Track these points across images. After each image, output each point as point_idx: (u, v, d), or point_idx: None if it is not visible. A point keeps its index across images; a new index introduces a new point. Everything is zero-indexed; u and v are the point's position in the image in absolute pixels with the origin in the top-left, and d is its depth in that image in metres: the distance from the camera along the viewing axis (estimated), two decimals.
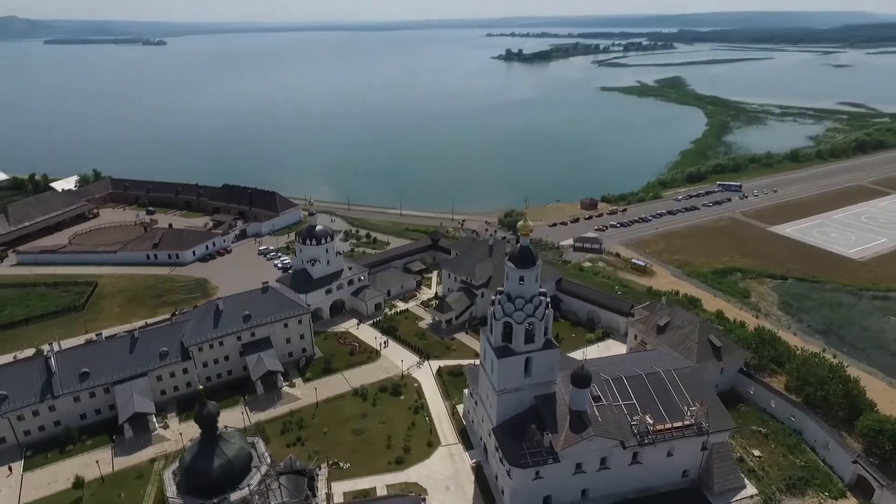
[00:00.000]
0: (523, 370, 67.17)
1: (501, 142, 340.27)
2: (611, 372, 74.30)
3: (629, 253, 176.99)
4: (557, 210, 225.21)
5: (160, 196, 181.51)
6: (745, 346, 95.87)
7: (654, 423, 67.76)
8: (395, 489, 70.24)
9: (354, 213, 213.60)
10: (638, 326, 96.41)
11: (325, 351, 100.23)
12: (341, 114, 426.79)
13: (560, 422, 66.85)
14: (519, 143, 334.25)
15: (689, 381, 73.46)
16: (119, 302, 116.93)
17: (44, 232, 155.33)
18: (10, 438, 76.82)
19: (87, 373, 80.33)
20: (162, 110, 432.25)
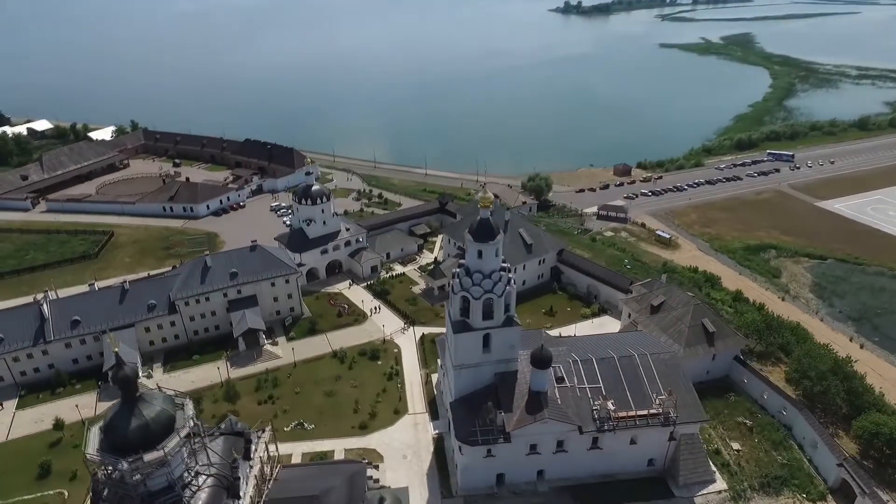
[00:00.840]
0: (482, 346, 64.95)
1: (542, 101, 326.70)
2: (582, 353, 70.99)
3: (656, 224, 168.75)
4: (589, 175, 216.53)
5: (187, 149, 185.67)
6: (749, 332, 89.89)
7: (615, 409, 64.59)
8: (353, 454, 70.80)
9: (379, 171, 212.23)
10: (632, 305, 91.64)
11: (314, 311, 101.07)
12: (383, 70, 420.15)
13: (517, 401, 64.74)
14: (561, 103, 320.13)
15: (664, 367, 69.28)
16: (130, 252, 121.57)
17: (76, 180, 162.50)
18: (7, 378, 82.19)
19: (77, 321, 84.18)
20: (207, 63, 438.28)
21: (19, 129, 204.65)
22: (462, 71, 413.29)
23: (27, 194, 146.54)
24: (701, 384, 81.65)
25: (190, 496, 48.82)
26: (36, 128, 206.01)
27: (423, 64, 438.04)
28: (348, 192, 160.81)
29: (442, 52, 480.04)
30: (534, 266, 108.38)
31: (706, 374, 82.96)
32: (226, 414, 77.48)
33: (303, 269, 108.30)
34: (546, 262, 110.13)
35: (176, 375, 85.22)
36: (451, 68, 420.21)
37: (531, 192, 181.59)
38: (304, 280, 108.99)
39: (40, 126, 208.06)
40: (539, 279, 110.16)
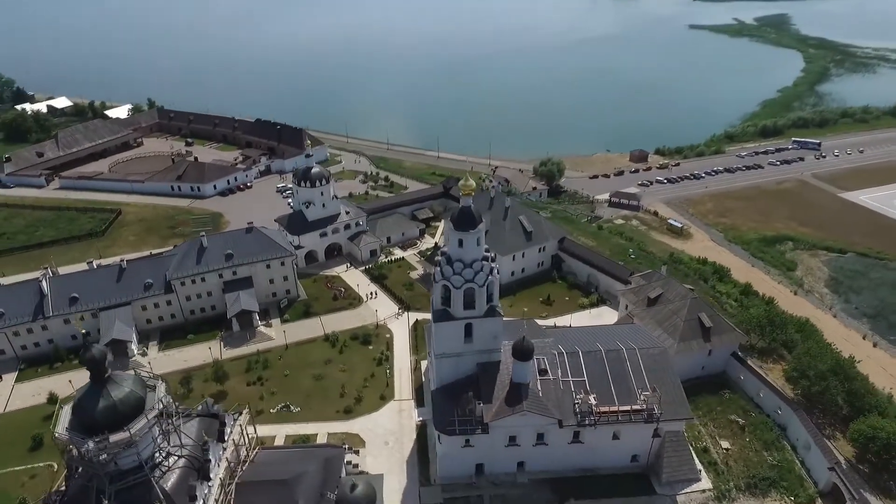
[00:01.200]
0: (463, 336, 64.14)
1: (563, 83, 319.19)
2: (569, 345, 69.63)
3: (669, 212, 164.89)
4: (604, 161, 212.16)
5: (200, 128, 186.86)
6: (751, 328, 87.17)
7: (597, 403, 63.33)
8: (335, 438, 71.12)
9: (391, 153, 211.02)
10: (629, 296, 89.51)
11: (311, 294, 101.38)
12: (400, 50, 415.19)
13: (497, 392, 63.90)
14: (582, 86, 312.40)
15: (652, 363, 67.54)
16: (136, 230, 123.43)
17: (90, 158, 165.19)
18: (8, 351, 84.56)
19: (76, 297, 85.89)
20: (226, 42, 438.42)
21: (40, 106, 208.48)
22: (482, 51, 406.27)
23: (42, 171, 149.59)
24: (696, 380, 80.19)
25: (160, 476, 49.52)
26: (56, 105, 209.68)
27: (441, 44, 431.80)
28: (355, 174, 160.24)
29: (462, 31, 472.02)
30: (534, 254, 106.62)
31: (702, 370, 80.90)
32: (215, 394, 78.84)
33: (301, 251, 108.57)
34: (547, 250, 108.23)
35: (170, 354, 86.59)
36: (471, 48, 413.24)
37: (542, 177, 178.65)
38: (302, 262, 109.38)
39: (60, 103, 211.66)
40: (539, 267, 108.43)
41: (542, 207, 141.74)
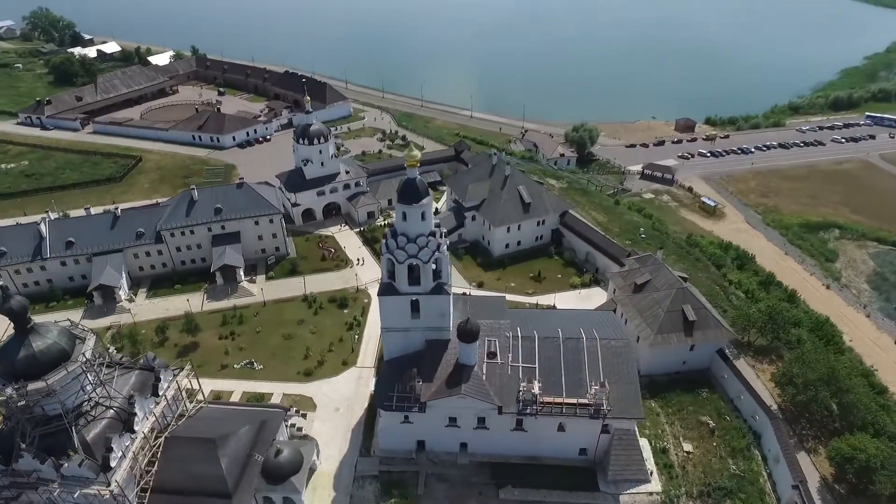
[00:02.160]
0: (409, 311, 62.19)
1: (615, 42, 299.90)
2: (528, 328, 66.36)
3: (705, 189, 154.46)
4: (647, 129, 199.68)
5: (233, 77, 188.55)
6: (749, 325, 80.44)
7: (542, 393, 60.37)
8: (289, 399, 71.97)
9: (425, 110, 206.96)
10: (617, 280, 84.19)
11: (301, 252, 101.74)
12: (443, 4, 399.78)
13: (440, 372, 61.99)
14: (636, 45, 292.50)
15: (611, 355, 63.38)
16: (151, 178, 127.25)
17: (127, 104, 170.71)
18: (11, 288, 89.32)
19: (71, 242, 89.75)
20: None
21: (90, 50, 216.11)
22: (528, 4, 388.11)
23: (77, 115, 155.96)
24: (676, 374, 75.59)
25: (84, 425, 51.48)
26: (105, 50, 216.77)
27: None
28: (375, 131, 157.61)
29: None
30: (531, 227, 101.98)
31: (682, 365, 75.76)
32: (188, 345, 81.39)
33: (298, 209, 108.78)
34: (546, 224, 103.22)
35: (156, 302, 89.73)
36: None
37: (572, 143, 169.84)
38: (299, 220, 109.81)
39: (109, 48, 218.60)
40: (537, 241, 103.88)
41: (561, 176, 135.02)
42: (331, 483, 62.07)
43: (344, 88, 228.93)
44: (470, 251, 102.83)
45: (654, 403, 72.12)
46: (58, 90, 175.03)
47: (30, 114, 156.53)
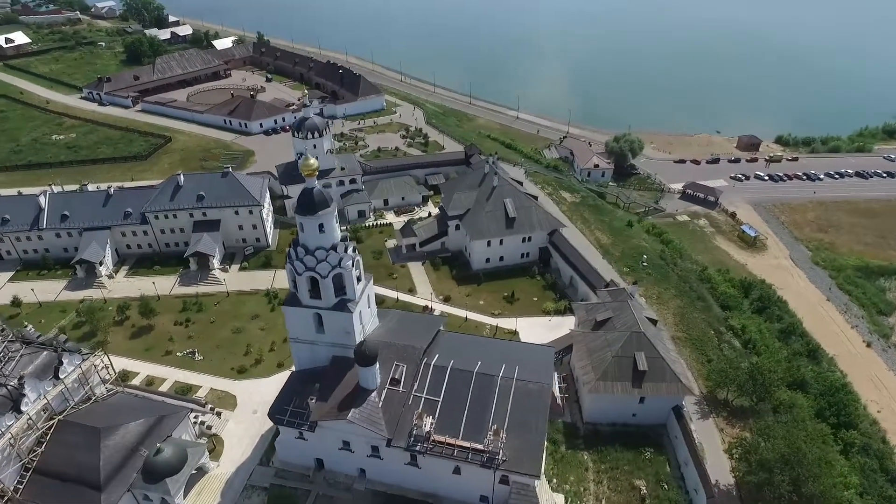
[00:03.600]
0: (313, 325, 59.66)
1: (684, 45, 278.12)
2: (447, 357, 61.77)
3: (751, 216, 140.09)
4: (706, 144, 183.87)
5: (283, 65, 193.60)
6: (726, 382, 70.78)
7: (434, 430, 55.82)
8: (212, 395, 71.98)
9: (472, 108, 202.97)
10: (581, 313, 76.80)
11: (282, 245, 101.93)
12: None
13: (338, 392, 58.98)
14: (708, 49, 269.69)
15: (525, 400, 57.41)
16: (173, 159, 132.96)
17: (181, 84, 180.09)
18: (13, 253, 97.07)
19: (66, 215, 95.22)
20: None
21: (164, 32, 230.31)
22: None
23: (131, 93, 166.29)
24: (623, 426, 67.79)
25: None
26: (179, 32, 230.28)
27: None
28: (401, 127, 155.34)
29: None
30: (516, 242, 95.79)
31: (632, 417, 67.77)
32: (144, 327, 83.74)
33: (289, 201, 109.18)
34: (533, 241, 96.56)
35: (132, 281, 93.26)
36: None
37: (611, 154, 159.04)
38: (292, 213, 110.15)
39: (183, 31, 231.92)
40: (522, 258, 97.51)
41: (577, 189, 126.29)
42: (221, 488, 61.12)
43: (398, 81, 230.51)
44: (451, 262, 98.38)
45: (587, 456, 65.03)
46: (127, 69, 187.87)
47: (92, 89, 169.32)
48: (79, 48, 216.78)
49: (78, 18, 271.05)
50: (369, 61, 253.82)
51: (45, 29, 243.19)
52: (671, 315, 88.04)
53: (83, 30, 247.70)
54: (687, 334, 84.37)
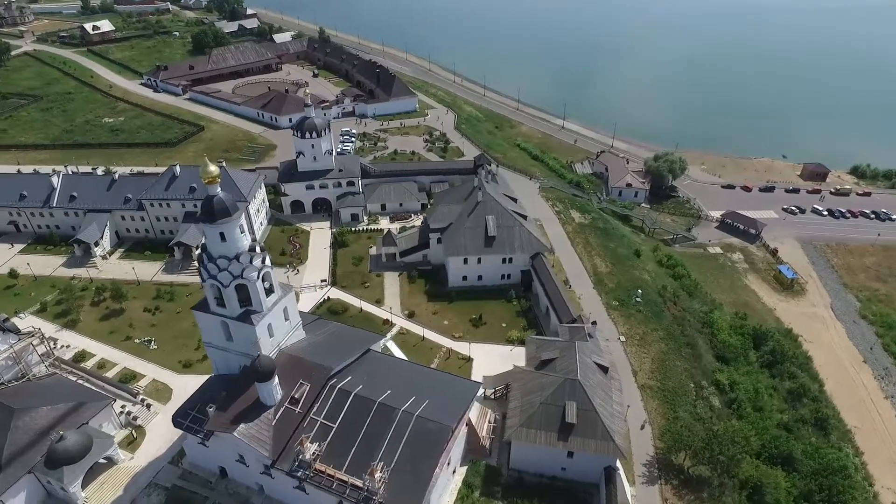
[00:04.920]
0: (223, 332, 58.76)
1: (764, 61, 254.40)
2: (359, 381, 59.07)
3: (795, 255, 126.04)
4: (765, 169, 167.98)
5: (331, 61, 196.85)
6: (679, 444, 62.84)
7: (317, 458, 53.18)
8: (152, 386, 73.30)
9: (518, 114, 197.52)
10: (531, 348, 71.02)
11: (270, 243, 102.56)
12: None
13: (239, 403, 57.73)
14: (791, 68, 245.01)
15: (420, 439, 53.52)
16: (198, 148, 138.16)
17: (233, 76, 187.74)
18: (29, 227, 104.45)
19: (74, 196, 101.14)
20: None
21: (233, 24, 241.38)
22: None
23: (182, 82, 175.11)
24: (552, 479, 61.69)
25: None
26: (246, 25, 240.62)
27: None
28: (427, 130, 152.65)
29: None
30: (495, 262, 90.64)
31: (562, 471, 61.54)
32: (117, 310, 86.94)
33: (286, 199, 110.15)
34: (515, 263, 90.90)
35: (122, 263, 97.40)
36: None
37: (649, 173, 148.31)
38: (288, 210, 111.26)
39: (250, 24, 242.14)
40: (503, 279, 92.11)
41: (589, 210, 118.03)
42: (127, 481, 61.80)
43: (450, 82, 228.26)
44: (429, 276, 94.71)
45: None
46: (191, 59, 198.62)
47: (150, 76, 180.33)
48: (155, 37, 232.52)
49: (167, 9, 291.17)
50: (427, 60, 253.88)
51: (133, 17, 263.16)
52: (649, 360, 79.79)
53: (167, 20, 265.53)
54: (661, 384, 76.02)
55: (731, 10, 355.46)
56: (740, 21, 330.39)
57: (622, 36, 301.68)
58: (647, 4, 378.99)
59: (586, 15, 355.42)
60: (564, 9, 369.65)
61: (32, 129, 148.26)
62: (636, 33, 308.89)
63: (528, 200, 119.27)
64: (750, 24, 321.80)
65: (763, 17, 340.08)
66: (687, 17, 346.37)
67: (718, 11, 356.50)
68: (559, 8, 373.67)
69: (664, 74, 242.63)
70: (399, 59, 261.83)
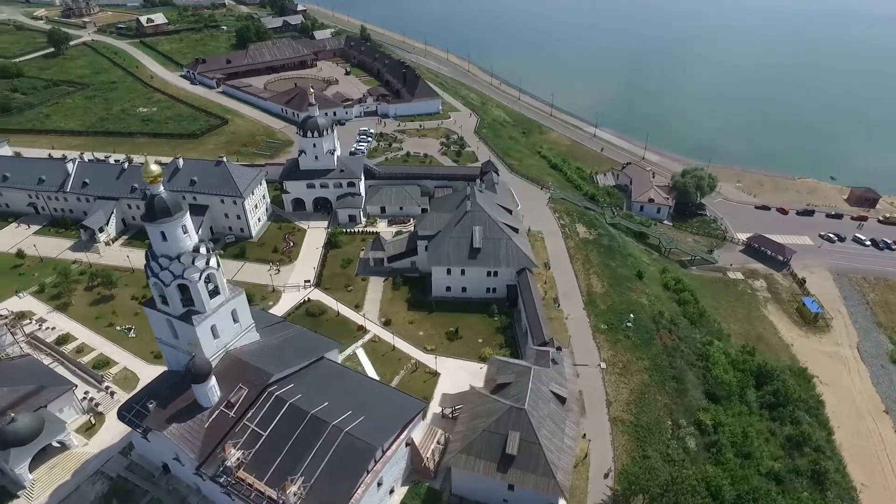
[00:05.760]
0: (169, 329, 59.02)
1: (818, 73, 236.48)
2: (297, 390, 58.16)
3: (825, 287, 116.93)
4: (808, 190, 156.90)
5: (364, 59, 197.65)
6: (635, 489, 58.35)
7: (238, 465, 52.42)
8: (121, 374, 74.91)
9: (552, 120, 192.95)
10: (491, 369, 67.97)
11: (265, 238, 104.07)
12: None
13: (178, 402, 57.96)
14: (846, 80, 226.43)
15: (345, 456, 52.03)
16: (219, 141, 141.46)
17: (268, 71, 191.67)
18: (46, 210, 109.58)
19: (86, 182, 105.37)
20: None
21: (277, 20, 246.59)
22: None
23: (216, 76, 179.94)
24: None
25: None
26: (290, 21, 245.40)
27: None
28: (445, 133, 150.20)
29: None
30: (480, 275, 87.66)
31: (503, 503, 58.45)
32: (107, 296, 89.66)
33: (287, 196, 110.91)
34: (500, 277, 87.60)
35: (123, 250, 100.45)
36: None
37: (674, 189, 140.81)
38: (289, 207, 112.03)
39: (294, 20, 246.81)
40: (488, 293, 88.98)
41: (596, 225, 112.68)
42: (76, 467, 63.23)
43: (487, 85, 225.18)
44: (415, 283, 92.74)
45: None
46: (233, 52, 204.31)
47: (189, 69, 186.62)
48: (204, 30, 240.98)
49: (223, 3, 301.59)
50: (467, 60, 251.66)
51: (188, 11, 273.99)
52: (627, 391, 74.95)
53: (220, 14, 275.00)
54: (635, 418, 71.24)
55: (788, 15, 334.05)
56: (797, 27, 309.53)
57: (670, 40, 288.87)
58: (701, 7, 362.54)
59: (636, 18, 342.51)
60: (618, 11, 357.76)
61: (74, 116, 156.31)
62: (685, 36, 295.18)
63: (534, 211, 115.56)
64: (808, 31, 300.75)
65: (822, 22, 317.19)
66: (740, 21, 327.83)
67: (776, 14, 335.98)
68: (614, 9, 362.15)
69: (708, 82, 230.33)
70: (440, 59, 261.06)
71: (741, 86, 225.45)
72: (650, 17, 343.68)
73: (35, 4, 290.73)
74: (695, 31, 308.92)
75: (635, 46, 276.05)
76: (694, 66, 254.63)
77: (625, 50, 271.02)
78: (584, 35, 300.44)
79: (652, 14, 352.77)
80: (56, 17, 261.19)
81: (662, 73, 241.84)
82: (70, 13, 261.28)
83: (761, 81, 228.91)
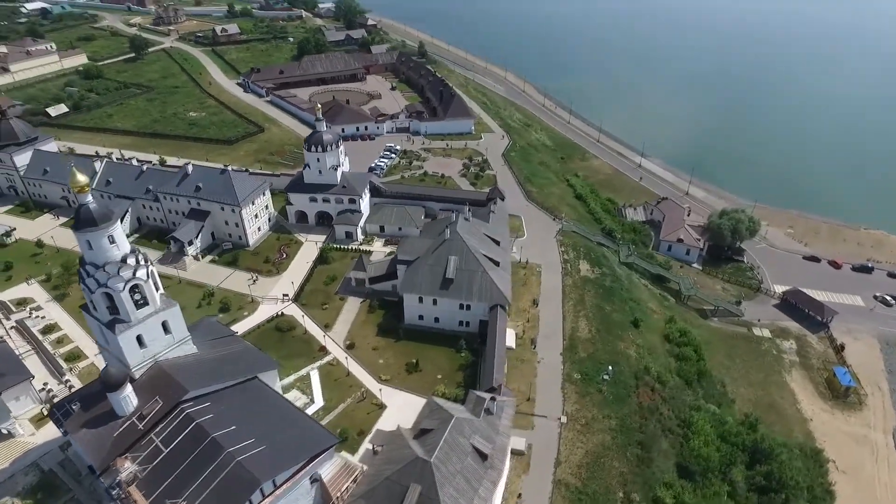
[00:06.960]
0: (102, 335, 60.42)
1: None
2: (210, 409, 57.63)
3: (867, 358, 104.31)
4: (874, 242, 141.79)
5: (411, 75, 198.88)
6: None
7: (129, 479, 52.19)
8: (87, 368, 77.82)
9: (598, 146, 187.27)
10: (425, 410, 64.13)
11: (261, 248, 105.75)
12: None
13: (99, 407, 58.78)
14: None
15: (229, 488, 50.45)
16: (250, 148, 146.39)
17: (319, 82, 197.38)
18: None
19: (109, 181, 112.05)
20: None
21: (341, 34, 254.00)
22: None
23: (266, 85, 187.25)
24: None
25: None
26: (353, 35, 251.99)
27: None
28: (471, 154, 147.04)
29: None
30: (452, 307, 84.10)
31: None
32: None
33: (291, 208, 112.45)
34: (473, 311, 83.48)
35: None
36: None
37: (708, 230, 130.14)
38: (293, 219, 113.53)
39: (356, 34, 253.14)
40: (460, 326, 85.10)
41: (602, 263, 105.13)
42: (17, 456, 65.93)
43: (539, 106, 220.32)
44: (391, 308, 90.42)
45: None
46: (285, 63, 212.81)
47: (245, 77, 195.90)
48: (272, 41, 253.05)
49: (300, 16, 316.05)
50: (523, 79, 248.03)
51: (264, 22, 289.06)
52: (582, 452, 68.62)
53: (293, 26, 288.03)
54: (582, 485, 65.01)
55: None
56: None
57: (743, 65, 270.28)
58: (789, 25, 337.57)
59: (713, 40, 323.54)
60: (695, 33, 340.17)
61: (132, 117, 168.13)
62: (775, 62, 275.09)
63: (540, 242, 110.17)
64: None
65: None
66: (850, 52, 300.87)
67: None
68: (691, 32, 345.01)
69: (774, 117, 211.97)
70: (497, 78, 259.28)
71: (817, 118, 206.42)
72: (749, 40, 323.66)
73: (135, 12, 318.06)
74: (791, 57, 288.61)
75: (707, 68, 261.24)
76: (771, 94, 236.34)
77: (694, 72, 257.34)
78: (653, 58, 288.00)
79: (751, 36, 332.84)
80: (148, 24, 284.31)
81: (726, 101, 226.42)
82: (160, 21, 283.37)
83: (839, 114, 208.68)
